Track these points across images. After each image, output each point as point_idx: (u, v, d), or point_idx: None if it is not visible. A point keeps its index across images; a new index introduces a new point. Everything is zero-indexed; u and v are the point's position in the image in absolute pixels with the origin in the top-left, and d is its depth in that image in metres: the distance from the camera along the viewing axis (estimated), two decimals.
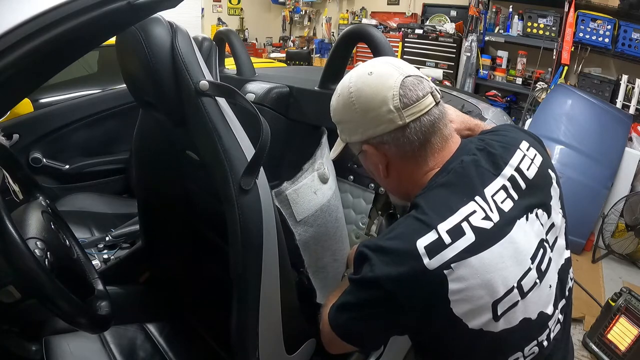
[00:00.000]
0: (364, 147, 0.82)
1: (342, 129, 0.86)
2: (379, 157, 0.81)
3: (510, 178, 0.78)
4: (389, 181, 0.86)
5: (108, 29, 0.78)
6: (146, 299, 1.56)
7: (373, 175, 0.91)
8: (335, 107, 0.84)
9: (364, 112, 0.78)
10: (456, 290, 0.69)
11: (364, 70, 0.80)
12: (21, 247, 0.78)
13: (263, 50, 6.73)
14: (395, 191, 0.90)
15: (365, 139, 0.80)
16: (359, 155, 0.87)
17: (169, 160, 1.33)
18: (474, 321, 0.71)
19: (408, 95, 0.75)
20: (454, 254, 0.69)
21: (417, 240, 0.69)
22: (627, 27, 3.56)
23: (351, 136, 0.83)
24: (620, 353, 2.03)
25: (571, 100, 3.38)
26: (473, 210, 0.72)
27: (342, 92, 0.81)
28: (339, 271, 1.40)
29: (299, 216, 1.27)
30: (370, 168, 0.88)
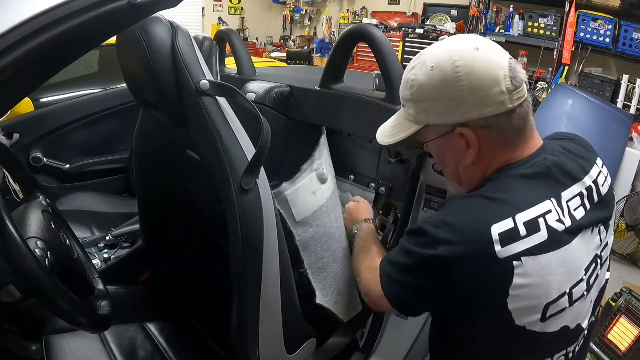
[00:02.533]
0: (460, 130, 0.73)
1: (427, 108, 0.75)
2: (473, 142, 0.74)
3: (587, 188, 0.76)
4: (467, 169, 0.79)
5: (108, 29, 0.78)
6: (147, 299, 1.56)
7: (443, 164, 0.84)
8: (424, 83, 0.73)
9: (473, 91, 0.70)
10: (519, 285, 0.67)
11: (466, 44, 0.73)
12: (21, 246, 0.78)
13: (264, 50, 6.73)
14: (469, 180, 0.81)
15: (465, 120, 0.72)
16: (434, 141, 0.79)
17: (169, 159, 1.33)
18: (523, 319, 0.70)
19: (517, 77, 0.71)
20: (526, 247, 0.67)
21: (493, 225, 0.67)
22: (628, 27, 3.56)
23: (441, 117, 0.74)
24: (621, 353, 2.02)
25: (572, 100, 3.38)
26: (549, 210, 0.70)
27: (442, 66, 0.72)
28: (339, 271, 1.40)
29: (298, 217, 1.27)
30: (449, 155, 0.80)
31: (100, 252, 1.70)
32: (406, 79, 0.78)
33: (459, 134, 0.74)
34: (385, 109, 1.23)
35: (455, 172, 0.82)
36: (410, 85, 0.76)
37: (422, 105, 0.76)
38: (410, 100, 0.77)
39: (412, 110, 0.78)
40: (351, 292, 1.45)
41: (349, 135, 1.54)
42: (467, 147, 0.75)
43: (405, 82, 0.78)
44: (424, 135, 0.79)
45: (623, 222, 2.97)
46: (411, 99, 0.77)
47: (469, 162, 0.77)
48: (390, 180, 1.42)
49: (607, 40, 3.64)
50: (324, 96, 1.36)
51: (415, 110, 0.77)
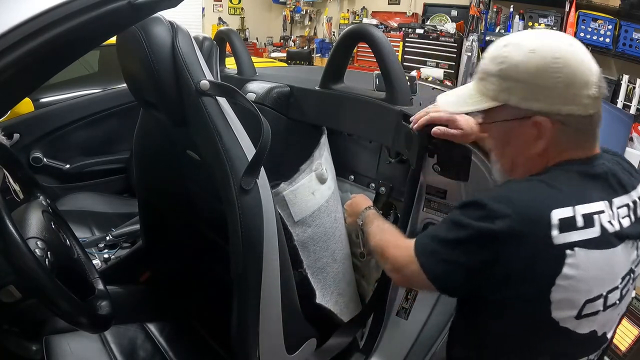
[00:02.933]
0: (539, 118, 0.73)
1: (513, 88, 0.74)
2: (546, 134, 0.74)
3: (634, 201, 0.78)
4: (529, 159, 0.78)
5: (108, 29, 0.78)
6: (147, 299, 1.56)
7: (501, 149, 0.83)
8: (519, 62, 0.73)
9: (566, 86, 0.71)
10: (566, 275, 0.68)
11: (564, 40, 0.74)
12: (21, 246, 0.78)
13: (264, 50, 6.73)
14: (525, 170, 0.80)
15: (547, 110, 0.72)
16: (503, 122, 0.78)
17: (169, 159, 1.33)
18: (560, 312, 0.70)
19: (602, 86, 0.73)
20: (580, 238, 0.68)
21: (554, 210, 0.68)
22: (628, 27, 3.56)
23: (525, 101, 0.74)
24: (621, 353, 2.02)
25: None
26: (603, 210, 0.72)
27: (542, 53, 0.72)
28: (338, 271, 1.40)
29: (297, 217, 1.27)
30: (514, 141, 0.78)
31: (100, 252, 1.70)
32: (497, 54, 0.77)
33: (535, 121, 0.74)
34: (385, 109, 1.23)
35: (514, 160, 0.81)
36: (500, 60, 0.75)
37: (509, 83, 0.74)
38: (496, 76, 0.76)
39: (494, 86, 0.76)
40: (351, 292, 1.45)
41: (349, 135, 1.54)
42: (536, 137, 0.75)
43: (495, 57, 0.77)
44: (495, 114, 0.78)
45: None
46: (498, 75, 0.75)
47: (535, 152, 0.76)
48: (390, 180, 1.42)
49: (607, 40, 3.64)
50: (324, 96, 1.36)
51: (497, 87, 0.76)
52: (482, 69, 0.79)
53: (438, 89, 2.02)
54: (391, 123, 1.20)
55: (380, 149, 1.47)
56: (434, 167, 1.13)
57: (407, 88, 1.24)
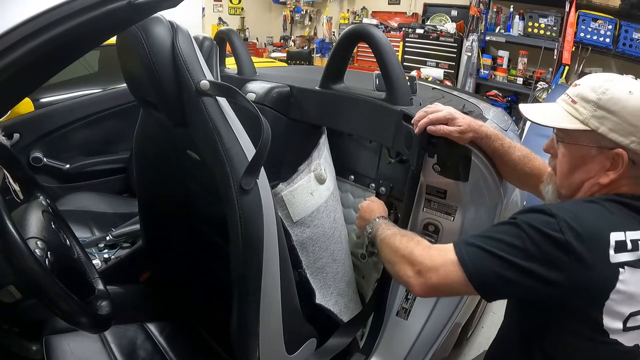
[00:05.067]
0: (620, 152, 0.80)
1: (606, 118, 0.80)
2: (619, 167, 0.81)
3: None
4: (594, 186, 0.84)
5: (108, 29, 0.78)
6: (147, 299, 1.56)
7: (569, 170, 0.87)
8: (620, 98, 0.80)
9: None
10: (619, 290, 0.74)
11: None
12: (21, 246, 0.78)
13: (264, 50, 6.73)
14: (581, 194, 0.87)
15: (630, 147, 0.79)
16: (583, 147, 0.83)
17: (169, 159, 1.33)
18: (610, 323, 0.76)
19: None
20: (631, 259, 0.75)
21: (612, 232, 0.75)
22: (628, 27, 3.55)
23: (613, 133, 0.80)
24: None
25: None
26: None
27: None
28: (338, 271, 1.40)
29: (295, 217, 1.27)
30: (586, 166, 0.84)
31: (100, 252, 1.70)
32: (599, 84, 0.82)
33: (616, 153, 0.80)
34: (385, 109, 1.23)
35: (579, 184, 0.86)
36: (602, 90, 0.81)
37: (603, 113, 0.80)
38: (593, 103, 0.81)
39: (587, 111, 0.82)
40: (351, 292, 1.45)
41: (349, 136, 1.54)
42: (609, 168, 0.82)
43: (597, 86, 0.82)
44: (579, 137, 0.83)
45: None
46: (595, 102, 0.81)
47: (602, 181, 0.83)
48: (390, 180, 1.42)
49: (607, 40, 3.63)
50: (324, 96, 1.36)
51: (590, 113, 0.81)
52: (578, 94, 0.84)
53: (438, 89, 2.02)
54: (391, 123, 1.20)
55: (380, 149, 1.47)
56: (434, 167, 1.13)
57: (407, 88, 1.24)
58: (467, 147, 1.09)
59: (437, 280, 0.83)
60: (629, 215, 0.80)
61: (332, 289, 1.39)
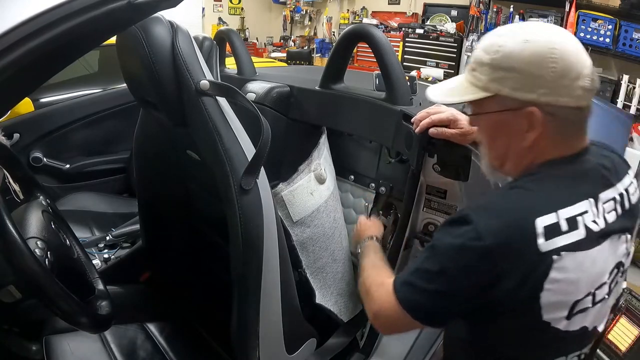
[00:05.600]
0: (531, 109, 0.71)
1: (505, 78, 0.72)
2: (538, 125, 0.72)
3: (620, 194, 0.78)
4: (518, 152, 0.77)
5: (108, 29, 0.78)
6: (147, 299, 1.56)
7: (491, 142, 0.81)
8: (513, 51, 0.71)
9: (559, 76, 0.70)
10: (554, 279, 0.68)
11: (558, 31, 0.73)
12: (21, 246, 0.78)
13: (264, 50, 6.73)
14: (514, 165, 0.80)
15: (540, 101, 0.71)
16: (494, 114, 0.76)
17: (169, 159, 1.33)
18: (550, 314, 0.71)
19: (595, 79, 0.73)
20: (566, 243, 0.69)
21: (538, 218, 0.68)
22: (628, 27, 3.55)
23: (518, 91, 0.72)
24: (621, 353, 2.02)
25: None
26: (586, 210, 0.72)
27: (538, 42, 0.71)
28: (338, 271, 1.40)
29: (295, 217, 1.27)
30: (504, 132, 0.77)
31: (100, 252, 1.70)
32: (491, 42, 0.75)
33: (528, 112, 0.72)
34: (385, 109, 1.23)
35: (503, 153, 0.80)
36: (495, 50, 0.73)
37: (501, 73, 0.73)
38: (488, 65, 0.74)
39: (485, 76, 0.74)
40: (351, 292, 1.45)
41: (349, 135, 1.54)
42: (527, 129, 0.74)
43: (489, 46, 0.74)
44: (486, 105, 0.76)
45: None
46: (490, 64, 0.73)
47: (525, 145, 0.75)
48: (390, 180, 1.42)
49: (607, 40, 3.63)
50: (324, 96, 1.36)
51: (488, 77, 0.74)
52: (475, 59, 0.77)
53: None
54: (391, 123, 1.20)
55: (380, 149, 1.47)
56: (434, 167, 1.13)
57: (407, 88, 1.24)
58: (467, 147, 1.09)
59: (389, 322, 0.82)
60: (562, 187, 0.73)
61: (332, 289, 1.39)
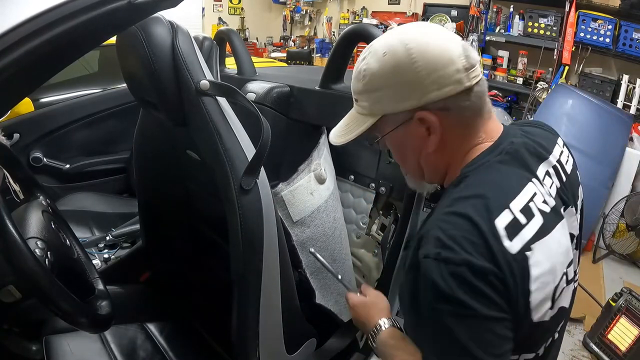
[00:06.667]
0: (419, 115, 0.70)
1: (382, 97, 0.72)
2: (435, 126, 0.70)
3: (554, 166, 0.75)
4: (429, 158, 0.75)
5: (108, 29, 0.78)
6: (147, 299, 1.56)
7: (403, 158, 0.80)
8: (376, 70, 0.71)
9: (429, 72, 0.67)
10: (535, 277, 0.63)
11: (416, 28, 0.72)
12: (21, 246, 0.78)
13: (264, 50, 6.73)
14: (432, 171, 0.78)
15: (424, 103, 0.69)
16: (392, 133, 0.74)
17: (169, 159, 1.33)
18: (539, 313, 0.65)
19: (471, 55, 0.70)
20: (531, 235, 0.63)
21: (495, 220, 0.62)
22: (628, 27, 3.55)
23: (398, 103, 0.71)
24: (621, 353, 2.02)
25: (572, 100, 3.38)
26: (534, 192, 0.68)
27: (394, 50, 0.69)
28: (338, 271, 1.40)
29: (295, 217, 1.27)
30: (409, 145, 0.76)
31: (100, 252, 1.70)
32: (357, 70, 0.75)
33: (418, 119, 0.70)
34: None
35: (417, 164, 0.78)
36: (362, 75, 0.73)
37: (377, 94, 0.72)
38: (364, 92, 0.74)
39: (366, 103, 0.75)
40: None
41: None
42: (428, 133, 0.72)
43: (357, 74, 0.75)
44: (382, 127, 0.75)
45: (623, 222, 2.97)
46: (364, 90, 0.74)
47: (432, 149, 0.73)
48: (390, 180, 1.42)
49: (607, 40, 3.63)
50: (324, 96, 1.36)
51: (369, 102, 0.74)
52: (353, 90, 0.78)
53: None
54: None
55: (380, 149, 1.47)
56: None
57: None
58: None
59: None
60: (500, 178, 0.68)
61: (332, 289, 1.39)
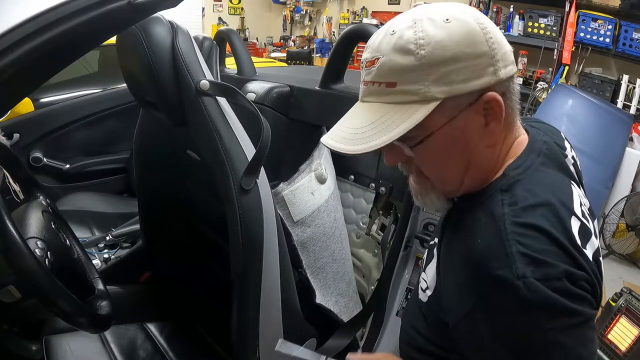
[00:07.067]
0: (489, 96, 0.56)
1: (451, 72, 0.55)
2: (498, 112, 0.58)
3: (573, 163, 0.69)
4: (482, 156, 0.61)
5: (108, 29, 0.78)
6: (147, 299, 1.56)
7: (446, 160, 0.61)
8: (442, 38, 0.54)
9: (499, 46, 0.57)
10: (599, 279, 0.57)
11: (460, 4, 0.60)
12: (21, 246, 0.78)
13: (264, 50, 6.74)
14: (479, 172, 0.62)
15: (496, 80, 0.56)
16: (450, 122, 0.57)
17: (169, 159, 1.33)
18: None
19: None
20: (596, 240, 0.58)
21: (571, 229, 0.54)
22: (628, 27, 3.56)
23: (472, 81, 0.55)
24: (621, 353, 2.02)
25: (572, 100, 3.38)
26: (578, 194, 0.61)
27: (460, 17, 0.56)
28: (338, 271, 1.40)
29: (296, 217, 1.27)
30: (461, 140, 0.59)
31: (100, 252, 1.70)
32: (406, 39, 0.55)
33: (486, 100, 0.56)
34: None
35: (464, 168, 0.61)
36: (418, 45, 0.54)
37: (444, 69, 0.55)
38: (419, 68, 0.55)
39: (419, 85, 0.55)
40: (351, 292, 1.45)
41: None
42: (485, 123, 0.58)
43: (404, 45, 0.55)
44: (431, 120, 0.56)
45: (623, 222, 2.97)
46: (421, 65, 0.55)
47: (489, 142, 0.60)
48: (390, 180, 1.42)
49: (607, 40, 3.64)
50: (324, 96, 1.36)
51: (426, 82, 0.55)
52: (389, 69, 0.57)
53: None
54: None
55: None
56: None
57: None
58: None
59: None
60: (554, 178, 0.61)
61: (332, 289, 1.39)
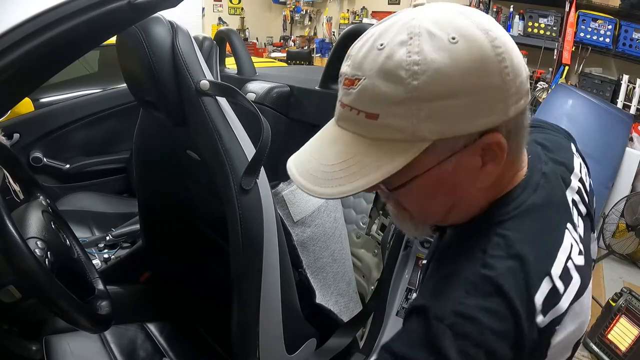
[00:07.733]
0: (490, 139, 0.47)
1: (448, 108, 0.44)
2: (499, 155, 0.48)
3: (578, 191, 0.59)
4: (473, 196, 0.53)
5: (108, 29, 0.78)
6: (147, 299, 1.56)
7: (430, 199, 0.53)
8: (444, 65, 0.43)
9: (515, 76, 0.46)
10: (557, 342, 0.51)
11: (488, 19, 0.47)
12: (21, 246, 0.78)
13: (264, 50, 6.73)
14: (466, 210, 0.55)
15: (502, 120, 0.46)
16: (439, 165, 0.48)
17: (169, 159, 1.33)
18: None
19: None
20: (567, 304, 0.50)
21: (534, 296, 0.47)
22: (628, 27, 3.56)
23: (475, 120, 0.45)
24: (621, 353, 2.02)
25: (572, 100, 3.38)
26: (571, 244, 0.52)
27: (470, 36, 0.44)
28: (338, 271, 1.40)
29: (296, 217, 1.27)
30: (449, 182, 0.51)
31: (100, 252, 1.70)
32: (396, 62, 0.44)
33: (488, 142, 0.47)
34: None
35: (448, 207, 0.54)
36: (411, 72, 0.43)
37: (438, 104, 0.44)
38: (408, 102, 0.44)
39: (408, 122, 0.45)
40: (351, 292, 1.45)
41: None
42: (481, 165, 0.49)
43: (393, 70, 0.44)
44: (419, 161, 0.47)
45: (623, 222, 2.97)
46: (409, 100, 0.44)
47: (483, 184, 0.51)
48: None
49: (607, 40, 3.63)
50: (324, 96, 1.36)
51: (417, 118, 0.44)
52: (373, 97, 0.46)
53: None
54: None
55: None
56: None
57: None
58: None
59: None
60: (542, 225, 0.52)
61: (332, 289, 1.39)
